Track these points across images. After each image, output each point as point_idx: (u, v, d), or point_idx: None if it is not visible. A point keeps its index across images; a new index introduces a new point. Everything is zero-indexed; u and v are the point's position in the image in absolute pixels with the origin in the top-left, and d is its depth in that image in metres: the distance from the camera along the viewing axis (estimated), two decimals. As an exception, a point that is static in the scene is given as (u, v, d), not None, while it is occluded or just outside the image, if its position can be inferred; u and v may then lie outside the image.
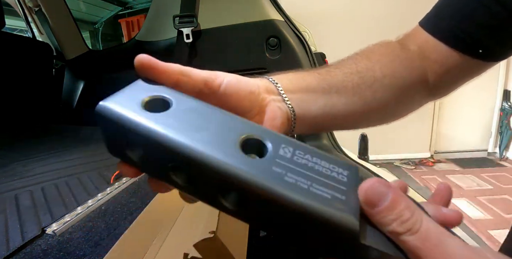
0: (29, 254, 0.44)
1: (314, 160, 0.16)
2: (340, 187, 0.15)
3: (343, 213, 0.14)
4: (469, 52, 0.30)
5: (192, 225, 0.45)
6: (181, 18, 0.96)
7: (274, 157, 0.15)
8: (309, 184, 0.14)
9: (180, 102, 0.17)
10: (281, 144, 0.16)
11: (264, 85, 0.26)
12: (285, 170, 0.15)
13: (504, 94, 2.51)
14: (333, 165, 0.16)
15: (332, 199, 0.14)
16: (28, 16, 1.40)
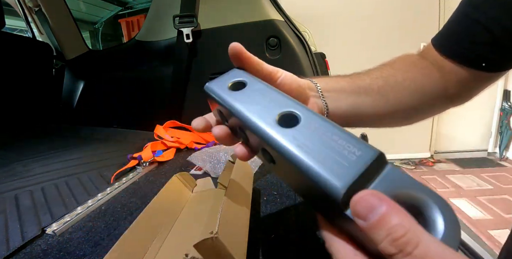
0: (29, 254, 0.44)
1: (333, 137, 0.18)
2: (342, 162, 0.16)
3: (329, 185, 0.15)
4: (474, 66, 0.34)
5: (192, 225, 0.45)
6: (181, 18, 0.96)
7: (299, 128, 0.19)
8: (315, 153, 0.17)
9: (252, 85, 0.24)
10: (309, 120, 0.19)
11: (307, 84, 0.33)
12: (301, 139, 0.18)
13: (504, 94, 2.51)
14: (350, 144, 0.17)
15: (329, 167, 0.16)
16: (28, 16, 1.40)
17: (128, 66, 1.33)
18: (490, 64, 0.33)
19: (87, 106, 1.44)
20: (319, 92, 0.33)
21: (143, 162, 0.78)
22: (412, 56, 0.39)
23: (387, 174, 0.16)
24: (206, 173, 0.69)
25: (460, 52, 0.34)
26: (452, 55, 0.35)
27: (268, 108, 0.21)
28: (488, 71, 0.34)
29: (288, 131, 0.19)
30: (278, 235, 0.44)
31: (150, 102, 1.25)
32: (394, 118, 0.38)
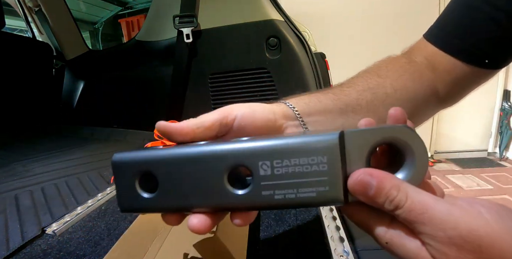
0: (29, 254, 0.44)
1: (292, 162, 0.17)
2: (322, 178, 0.16)
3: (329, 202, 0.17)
4: (476, 63, 0.31)
5: (192, 225, 0.45)
6: (181, 18, 0.96)
7: (258, 181, 0.17)
8: (296, 191, 0.17)
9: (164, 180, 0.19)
10: (257, 163, 0.17)
11: (281, 111, 0.26)
12: (272, 190, 0.17)
13: (504, 94, 2.51)
14: (312, 157, 0.17)
15: (317, 195, 0.17)
16: (28, 16, 1.40)
17: (128, 66, 1.33)
18: (492, 61, 0.31)
19: (87, 106, 1.44)
20: (298, 119, 0.27)
21: (143, 162, 0.78)
22: (399, 59, 0.35)
23: (352, 139, 0.17)
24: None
25: (462, 47, 0.31)
26: (452, 51, 0.32)
27: (210, 184, 0.18)
28: (489, 68, 0.32)
29: (252, 190, 0.17)
30: (278, 235, 0.44)
31: (150, 102, 1.25)
32: None
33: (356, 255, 0.39)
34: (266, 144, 0.17)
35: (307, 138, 0.17)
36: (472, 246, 0.13)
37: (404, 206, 0.15)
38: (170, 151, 0.19)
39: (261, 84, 0.93)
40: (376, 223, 0.17)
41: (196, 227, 0.19)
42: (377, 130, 0.17)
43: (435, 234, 0.14)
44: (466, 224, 0.14)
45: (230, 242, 0.29)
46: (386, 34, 2.34)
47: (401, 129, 0.17)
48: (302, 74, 0.87)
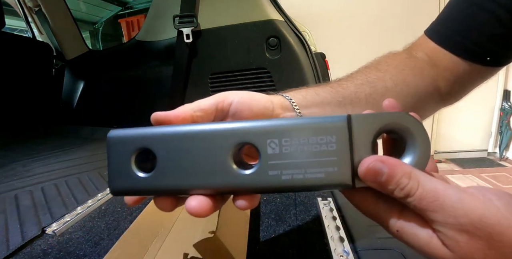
0: (29, 254, 0.44)
1: (301, 140, 0.17)
2: (331, 158, 0.16)
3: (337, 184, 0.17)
4: (478, 61, 0.31)
5: (192, 225, 0.45)
6: (181, 18, 0.96)
7: (265, 160, 0.17)
8: (304, 172, 0.16)
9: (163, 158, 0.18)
10: (266, 141, 0.17)
11: (278, 102, 0.26)
12: (279, 169, 0.16)
13: (504, 94, 2.51)
14: (320, 136, 0.17)
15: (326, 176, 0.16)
16: (28, 16, 1.40)
17: (128, 66, 1.33)
18: (494, 58, 0.31)
19: (87, 106, 1.44)
20: (295, 110, 0.27)
21: (143, 162, 0.78)
22: (400, 55, 0.35)
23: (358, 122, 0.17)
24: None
25: (463, 44, 0.30)
26: (453, 48, 0.31)
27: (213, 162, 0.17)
28: (491, 65, 0.31)
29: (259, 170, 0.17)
30: (278, 235, 0.44)
31: (150, 102, 1.25)
32: None
33: (356, 255, 0.39)
34: (275, 123, 0.17)
35: (316, 119, 0.17)
36: (483, 233, 0.13)
37: (415, 194, 0.15)
38: (171, 128, 0.18)
39: (261, 84, 0.93)
40: (386, 212, 0.17)
41: (195, 210, 0.18)
42: (381, 115, 0.17)
43: (446, 221, 0.14)
44: (477, 211, 0.14)
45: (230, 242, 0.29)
46: (386, 34, 2.34)
47: (403, 115, 0.17)
48: (302, 74, 0.87)
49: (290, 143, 0.16)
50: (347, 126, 0.16)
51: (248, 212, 0.44)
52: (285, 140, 0.17)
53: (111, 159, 0.18)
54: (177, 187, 0.18)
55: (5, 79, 1.28)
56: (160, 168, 0.18)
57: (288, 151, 0.16)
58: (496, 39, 0.29)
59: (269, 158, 0.17)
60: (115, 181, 0.18)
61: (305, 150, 0.16)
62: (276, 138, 0.17)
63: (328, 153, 0.16)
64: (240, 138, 0.17)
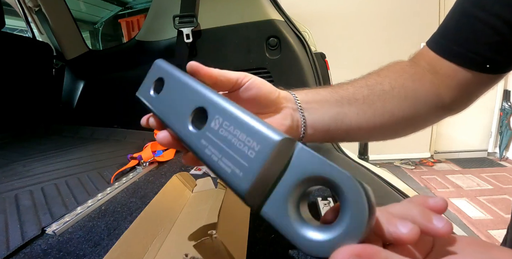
0: (29, 254, 0.44)
1: (235, 132, 0.18)
2: (243, 163, 0.17)
3: (234, 187, 0.17)
4: (477, 69, 0.31)
5: (192, 225, 0.45)
6: (181, 18, 0.96)
7: (206, 129, 0.19)
8: (220, 157, 0.18)
9: (168, 83, 0.24)
10: (215, 115, 0.19)
11: (284, 94, 0.30)
12: (208, 143, 0.19)
13: (504, 94, 2.51)
14: (250, 138, 0.17)
15: (230, 174, 0.17)
16: (28, 16, 1.40)
17: (128, 66, 1.33)
18: (494, 66, 0.31)
19: (87, 106, 1.44)
20: (297, 104, 0.30)
21: (143, 162, 0.78)
22: (402, 63, 0.36)
23: (298, 157, 0.16)
24: (206, 173, 0.69)
25: (463, 54, 0.31)
26: (453, 57, 0.32)
27: (182, 110, 0.21)
28: (492, 73, 0.31)
29: (198, 133, 0.19)
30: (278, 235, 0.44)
31: (150, 102, 1.25)
32: (384, 131, 0.34)
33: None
34: (231, 106, 0.19)
35: (263, 124, 0.17)
36: None
37: None
38: (179, 72, 0.24)
39: (261, 84, 0.93)
40: None
41: (159, 139, 0.23)
42: (321, 161, 0.15)
43: None
44: None
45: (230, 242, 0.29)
46: (386, 34, 2.34)
47: (339, 171, 0.14)
48: (302, 74, 0.87)
49: (228, 128, 0.18)
50: (276, 146, 0.16)
51: (248, 212, 0.44)
52: (225, 123, 0.18)
53: (147, 78, 0.27)
54: (162, 118, 0.23)
55: (5, 79, 1.28)
56: (162, 94, 0.24)
57: (222, 133, 0.18)
58: (493, 47, 0.30)
59: (208, 129, 0.19)
60: (141, 91, 0.27)
61: (232, 141, 0.17)
62: (221, 117, 0.19)
63: (245, 156, 0.17)
64: (202, 102, 0.20)
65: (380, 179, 0.62)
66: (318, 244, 0.14)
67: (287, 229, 0.15)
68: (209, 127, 0.19)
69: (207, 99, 0.20)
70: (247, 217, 0.42)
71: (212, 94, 0.20)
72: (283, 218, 0.15)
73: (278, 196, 0.15)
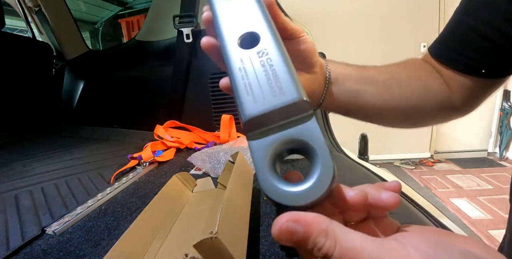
0: (29, 254, 0.44)
1: (271, 70, 0.18)
2: (262, 96, 0.18)
3: (244, 108, 0.18)
4: (474, 74, 0.33)
5: (192, 225, 0.45)
6: (181, 18, 0.96)
7: (250, 52, 0.19)
8: (246, 80, 0.18)
9: None
10: (265, 47, 0.19)
11: (321, 60, 0.32)
12: (244, 63, 0.19)
13: (504, 94, 2.51)
14: (280, 83, 0.18)
15: (246, 97, 0.18)
16: (28, 16, 1.40)
17: (128, 66, 1.33)
18: (490, 71, 0.33)
19: (87, 106, 1.44)
20: (327, 73, 0.32)
21: (143, 162, 0.78)
22: (417, 59, 0.39)
23: (301, 120, 0.17)
24: (206, 173, 0.69)
25: (458, 59, 0.34)
26: (450, 64, 0.34)
27: (239, 25, 0.21)
28: (489, 77, 0.33)
29: (241, 51, 0.20)
30: (278, 235, 0.44)
31: (150, 102, 1.25)
32: (395, 115, 0.37)
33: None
34: (282, 47, 0.19)
35: (297, 78, 0.18)
36: None
37: (334, 254, 0.14)
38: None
39: (261, 84, 0.93)
40: None
41: (202, 43, 0.25)
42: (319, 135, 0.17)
43: None
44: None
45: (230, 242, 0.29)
46: (386, 34, 2.34)
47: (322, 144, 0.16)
48: (302, 74, 0.87)
49: (268, 63, 0.19)
50: (296, 101, 0.17)
51: (248, 212, 0.44)
52: (268, 58, 0.19)
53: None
54: (220, 18, 0.22)
55: (5, 79, 1.28)
56: (231, 3, 0.23)
57: (261, 64, 0.19)
58: (486, 53, 0.32)
59: (251, 54, 0.19)
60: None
61: (264, 75, 0.18)
62: (268, 51, 0.19)
63: (267, 93, 0.18)
64: (262, 30, 0.20)
65: (380, 179, 0.62)
66: (282, 192, 0.16)
67: (261, 171, 0.17)
68: (254, 53, 0.19)
69: (267, 30, 0.20)
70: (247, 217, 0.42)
71: (273, 29, 0.20)
72: (261, 159, 0.17)
73: (267, 140, 0.17)
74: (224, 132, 0.94)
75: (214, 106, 1.01)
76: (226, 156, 0.71)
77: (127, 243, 0.36)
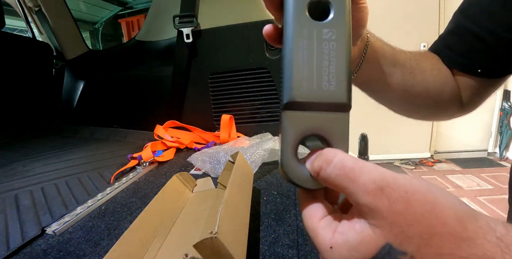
0: (29, 254, 0.44)
1: (331, 59, 0.18)
2: (315, 83, 0.18)
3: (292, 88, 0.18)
4: (472, 73, 0.35)
5: (192, 225, 0.45)
6: (181, 18, 0.96)
7: (319, 25, 0.18)
8: (304, 58, 0.18)
9: None
10: (334, 23, 0.18)
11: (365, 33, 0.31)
12: (307, 38, 0.18)
13: (504, 94, 2.51)
14: (334, 76, 0.18)
15: (300, 78, 0.18)
16: (28, 16, 1.40)
17: (128, 66, 1.33)
18: (486, 71, 0.34)
19: (87, 106, 1.44)
20: (365, 47, 0.32)
21: (143, 162, 0.78)
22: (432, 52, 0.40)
23: (335, 116, 0.18)
24: (206, 173, 0.69)
25: (456, 59, 0.36)
26: (451, 63, 0.36)
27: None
28: (485, 77, 0.35)
29: (308, 20, 0.18)
30: (278, 235, 0.44)
31: (150, 102, 1.25)
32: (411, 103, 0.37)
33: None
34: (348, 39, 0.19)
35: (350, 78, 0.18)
36: (399, 194, 0.14)
37: (333, 162, 0.16)
38: None
39: (261, 84, 0.93)
40: (325, 229, 0.17)
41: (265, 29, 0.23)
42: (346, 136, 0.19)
43: (366, 188, 0.15)
44: (390, 174, 0.15)
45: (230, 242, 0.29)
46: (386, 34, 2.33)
47: None
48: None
49: (330, 49, 0.18)
50: (339, 102, 0.18)
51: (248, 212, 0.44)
52: (332, 44, 0.18)
53: None
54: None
55: (5, 79, 1.28)
56: None
57: (324, 47, 0.18)
58: (483, 54, 0.34)
59: (319, 29, 0.18)
60: None
61: (324, 60, 0.18)
62: (334, 38, 0.18)
63: (321, 81, 0.18)
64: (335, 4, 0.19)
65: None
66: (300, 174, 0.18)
67: (287, 147, 0.18)
68: (320, 28, 0.18)
69: (341, 7, 0.19)
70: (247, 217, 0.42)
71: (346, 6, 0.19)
72: (292, 135, 0.18)
73: (301, 120, 0.18)
74: (224, 132, 0.94)
75: (214, 106, 1.01)
76: (226, 156, 0.71)
77: (127, 243, 0.36)
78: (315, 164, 0.17)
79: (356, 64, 0.32)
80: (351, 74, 0.19)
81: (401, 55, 0.35)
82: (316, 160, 0.18)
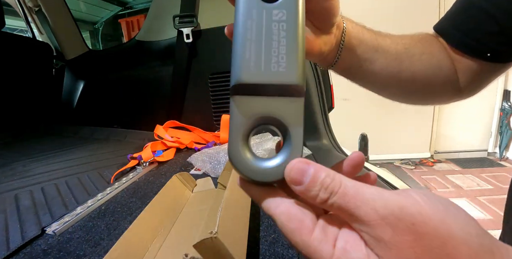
0: (29, 254, 0.44)
1: (281, 40, 0.17)
2: (262, 64, 0.17)
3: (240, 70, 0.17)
4: (479, 56, 0.32)
5: (192, 225, 0.45)
6: (181, 18, 0.96)
7: (269, 7, 0.17)
8: (252, 39, 0.17)
9: None
10: (283, 10, 0.17)
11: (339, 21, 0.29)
12: (256, 19, 0.17)
13: (504, 94, 2.51)
14: (285, 57, 0.17)
15: (245, 59, 0.17)
16: (28, 16, 1.40)
17: (128, 66, 1.33)
18: (495, 55, 0.32)
19: (87, 106, 1.44)
20: (342, 36, 0.30)
21: (143, 162, 0.78)
22: (431, 35, 0.37)
23: (288, 99, 0.17)
24: (206, 173, 0.69)
25: (465, 41, 0.33)
26: (457, 45, 0.33)
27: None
28: (494, 61, 0.32)
29: (258, 3, 0.18)
30: (278, 235, 0.44)
31: (150, 102, 1.25)
32: (399, 88, 0.36)
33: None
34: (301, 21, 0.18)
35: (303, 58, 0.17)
36: (405, 225, 0.13)
37: (338, 191, 0.15)
38: None
39: (261, 84, 0.93)
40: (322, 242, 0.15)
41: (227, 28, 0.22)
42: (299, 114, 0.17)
43: (368, 216, 0.14)
44: (396, 202, 0.14)
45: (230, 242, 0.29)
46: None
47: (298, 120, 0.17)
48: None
49: (280, 30, 0.17)
50: (292, 83, 0.17)
51: (248, 212, 0.44)
52: (282, 25, 0.17)
53: None
54: None
55: (5, 79, 1.28)
56: None
57: (273, 27, 0.17)
58: (493, 36, 0.31)
59: (268, 10, 0.17)
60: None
61: (273, 41, 0.17)
62: (284, 19, 0.17)
63: (269, 63, 0.17)
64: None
65: (380, 179, 0.62)
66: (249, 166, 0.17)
67: (236, 137, 0.17)
68: (270, 9, 0.17)
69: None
70: (247, 217, 0.42)
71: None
72: (238, 125, 0.17)
73: (250, 105, 0.17)
74: (224, 132, 0.94)
75: (214, 106, 1.01)
76: (226, 156, 0.71)
77: (127, 243, 0.36)
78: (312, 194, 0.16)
79: (335, 52, 0.30)
80: (304, 56, 0.17)
81: (385, 41, 0.33)
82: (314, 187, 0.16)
